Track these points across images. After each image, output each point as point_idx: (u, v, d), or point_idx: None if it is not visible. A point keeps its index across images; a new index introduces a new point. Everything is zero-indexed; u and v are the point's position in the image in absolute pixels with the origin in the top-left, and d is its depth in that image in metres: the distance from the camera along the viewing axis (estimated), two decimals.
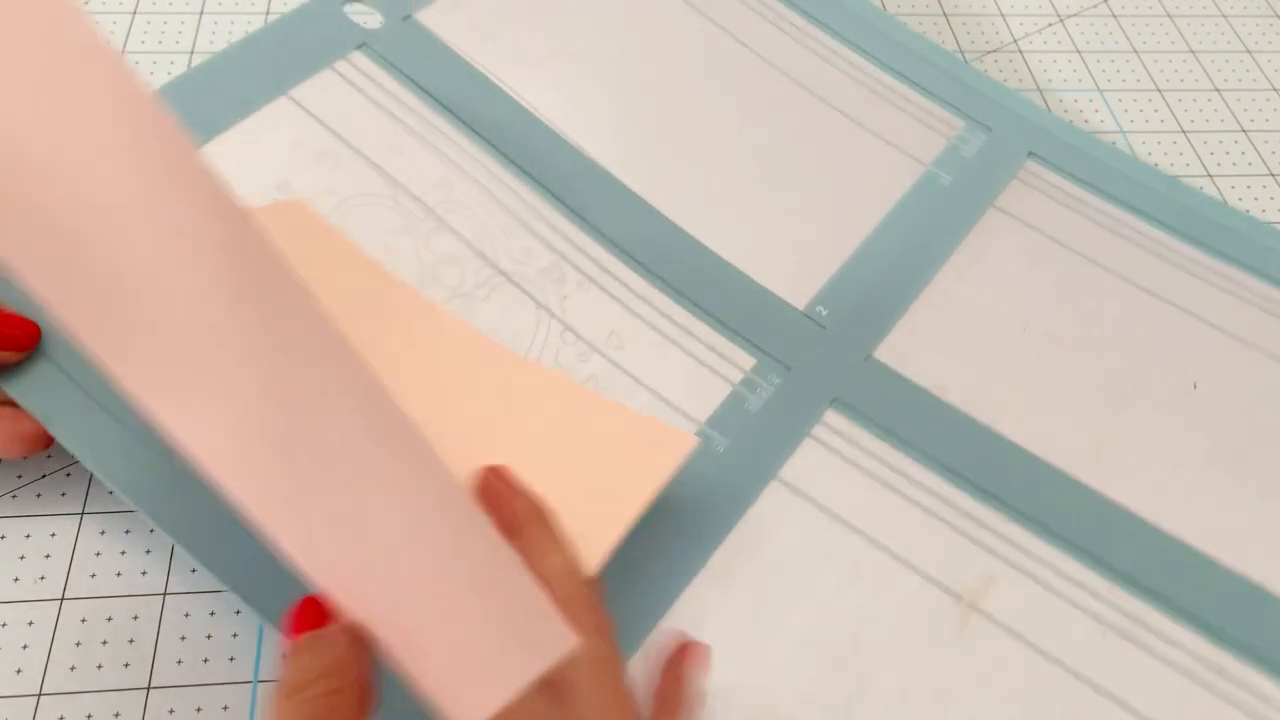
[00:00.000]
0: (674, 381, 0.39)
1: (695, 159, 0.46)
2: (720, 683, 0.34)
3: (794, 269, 0.43)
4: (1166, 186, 0.48)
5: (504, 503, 0.30)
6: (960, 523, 0.38)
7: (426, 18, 0.47)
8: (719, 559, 0.36)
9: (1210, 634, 0.36)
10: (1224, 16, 0.60)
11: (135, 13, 0.51)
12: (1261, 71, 0.58)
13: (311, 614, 0.24)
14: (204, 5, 0.53)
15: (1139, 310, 0.44)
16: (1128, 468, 0.40)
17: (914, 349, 0.42)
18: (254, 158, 0.41)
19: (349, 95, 0.44)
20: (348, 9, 0.46)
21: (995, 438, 0.40)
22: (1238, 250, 0.46)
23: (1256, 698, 0.35)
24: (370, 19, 0.46)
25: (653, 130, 0.46)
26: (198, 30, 0.51)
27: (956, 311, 0.43)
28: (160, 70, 0.49)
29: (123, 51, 0.48)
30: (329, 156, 0.42)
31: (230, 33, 0.51)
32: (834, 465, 0.38)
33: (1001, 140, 0.49)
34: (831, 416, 0.40)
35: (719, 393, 0.40)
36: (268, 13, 0.52)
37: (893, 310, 0.43)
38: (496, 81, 0.46)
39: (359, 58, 0.45)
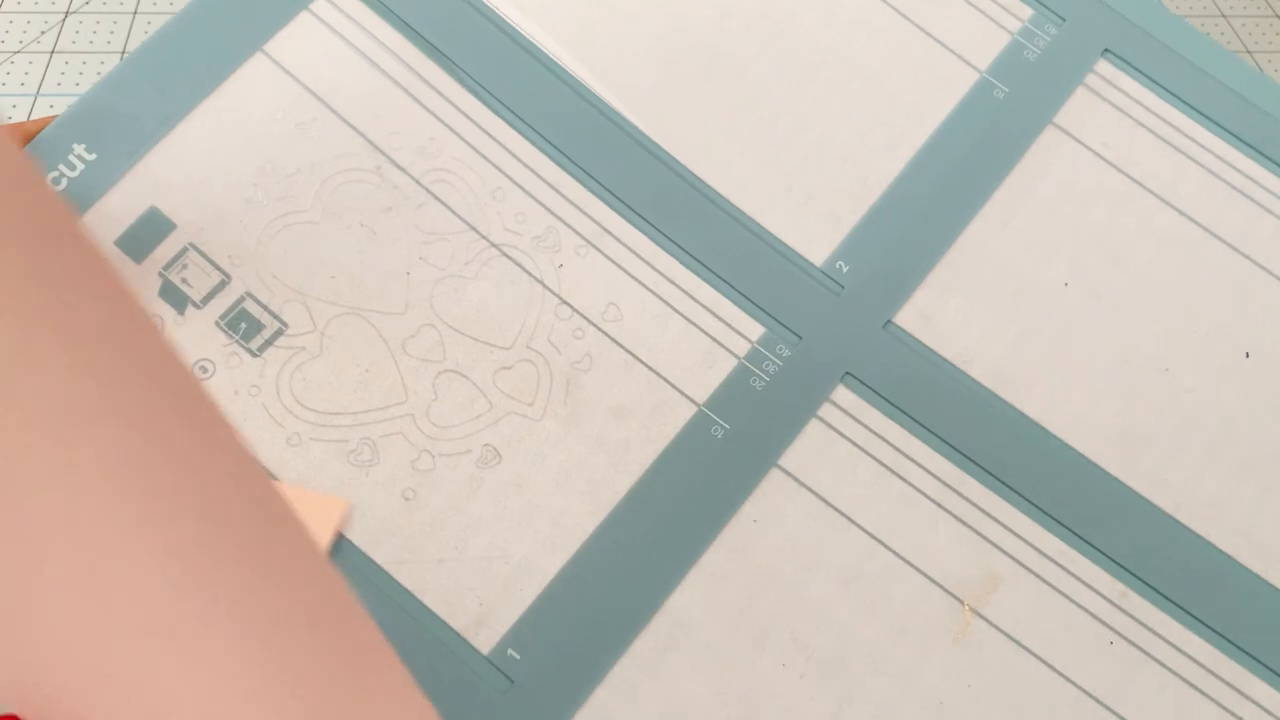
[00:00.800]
0: (674, 357, 0.37)
1: (710, 91, 0.42)
2: (707, 691, 0.33)
3: (815, 218, 0.40)
4: (1264, 97, 0.42)
5: None
6: (968, 514, 0.35)
7: None
8: (711, 557, 0.35)
9: (1224, 644, 0.34)
10: (1224, 17, 0.55)
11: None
12: (1262, 71, 0.52)
13: None
14: None
15: (1198, 259, 0.39)
16: (1156, 457, 0.36)
17: (939, 312, 0.39)
18: (231, 135, 0.39)
19: (329, 44, 0.41)
20: None
21: (1018, 417, 0.37)
22: None
23: (1272, 717, 0.33)
24: None
25: (665, 60, 0.43)
26: None
27: (991, 265, 0.39)
28: None
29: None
30: (311, 124, 0.40)
31: None
32: (840, 450, 0.36)
33: (1074, 34, 0.43)
34: (842, 394, 0.37)
35: (722, 369, 0.37)
36: None
37: (920, 264, 0.39)
38: (492, 7, 0.42)
39: None
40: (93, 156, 0.38)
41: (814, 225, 0.40)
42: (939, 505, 0.36)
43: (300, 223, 0.38)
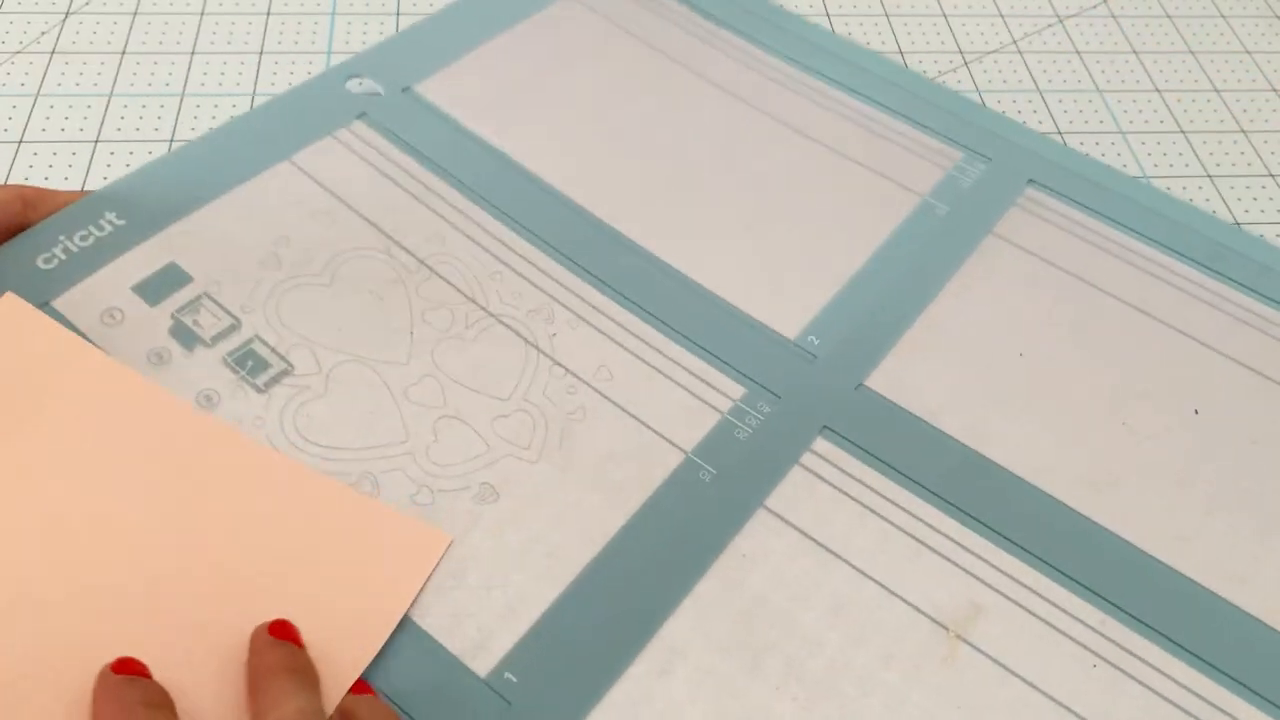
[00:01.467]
0: (662, 411, 0.40)
1: (686, 203, 0.47)
2: (702, 715, 0.33)
3: (785, 300, 0.43)
4: (1172, 209, 0.48)
5: (255, 655, 0.31)
6: (949, 550, 0.37)
7: (425, 89, 0.49)
8: (704, 588, 0.36)
9: (1205, 666, 0.35)
10: (1224, 17, 0.60)
11: (124, 52, 0.53)
12: (1261, 72, 0.57)
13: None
14: (195, 46, 0.54)
15: (1140, 334, 0.44)
16: (1125, 496, 0.39)
17: (907, 377, 0.41)
18: (253, 216, 0.42)
19: (348, 160, 0.45)
20: (350, 83, 0.48)
21: (989, 464, 0.39)
22: (1242, 273, 0.46)
23: None
24: (372, 92, 0.48)
25: (642, 177, 0.47)
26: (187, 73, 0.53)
27: (952, 338, 0.43)
28: (149, 114, 0.51)
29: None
30: (326, 214, 0.43)
31: (223, 71, 0.53)
32: (822, 493, 0.38)
33: (1001, 169, 0.49)
34: (821, 444, 0.39)
35: (707, 422, 0.40)
36: (261, 51, 0.54)
37: (886, 338, 0.43)
38: (491, 142, 0.47)
39: (360, 126, 0.47)
40: (122, 222, 0.40)
41: (785, 305, 0.43)
42: (920, 541, 0.37)
43: (312, 284, 0.41)
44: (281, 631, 0.31)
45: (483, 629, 0.34)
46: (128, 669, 0.29)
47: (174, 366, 0.37)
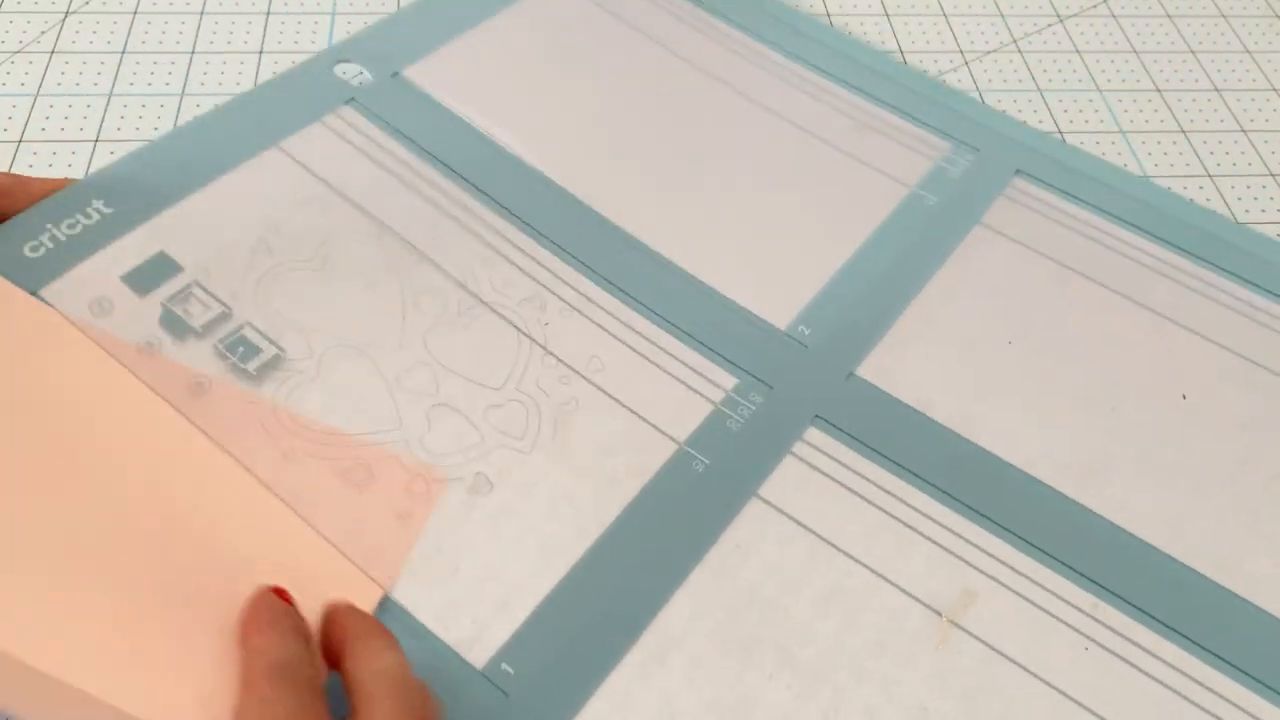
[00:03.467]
0: (654, 402, 0.40)
1: (676, 191, 0.47)
2: (695, 704, 0.33)
3: (776, 290, 0.43)
4: (1157, 198, 0.48)
5: (335, 623, 0.31)
6: (942, 537, 0.37)
7: (413, 73, 0.49)
8: (697, 578, 0.36)
9: (1196, 649, 0.35)
10: (1224, 16, 0.60)
11: (124, 52, 0.53)
12: (1261, 71, 0.58)
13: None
14: (195, 45, 0.53)
15: (1128, 323, 0.44)
16: (1115, 482, 0.39)
17: (898, 366, 0.42)
18: (243, 202, 0.42)
19: (337, 146, 0.45)
20: (338, 68, 0.48)
21: (980, 452, 0.39)
22: (1229, 261, 0.46)
23: (1243, 712, 0.34)
24: (360, 77, 0.48)
25: (633, 166, 0.47)
26: (188, 73, 0.52)
27: (941, 328, 0.43)
28: (149, 114, 0.50)
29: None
30: (317, 201, 0.43)
31: (222, 75, 0.53)
32: (815, 482, 0.38)
33: (989, 160, 0.49)
34: (813, 434, 0.39)
35: (700, 412, 0.40)
36: (261, 51, 0.54)
37: (876, 328, 0.43)
38: (478, 127, 0.47)
39: (348, 111, 0.46)
40: (110, 210, 0.40)
41: (776, 295, 0.43)
42: (912, 529, 0.37)
43: (302, 269, 0.40)
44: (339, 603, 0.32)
45: (478, 621, 0.34)
46: (282, 596, 0.31)
47: (165, 355, 0.37)
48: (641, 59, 0.52)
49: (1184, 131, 0.54)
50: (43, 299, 0.37)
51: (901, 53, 0.56)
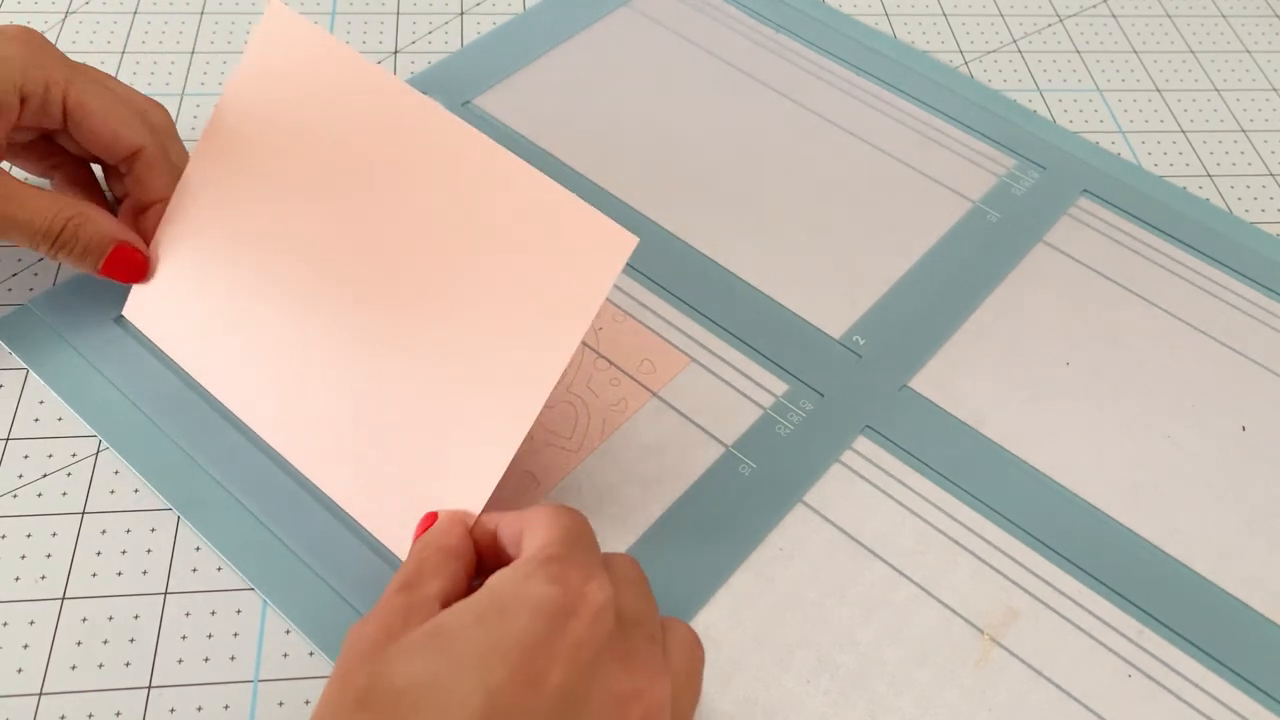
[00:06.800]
0: (704, 404, 0.40)
1: (736, 202, 0.47)
2: (733, 703, 0.33)
3: (832, 300, 0.44)
4: (1224, 225, 0.48)
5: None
6: (987, 554, 0.37)
7: (483, 102, 0.50)
8: (739, 580, 0.36)
9: (1242, 682, 0.35)
10: (1224, 16, 0.60)
11: (124, 52, 0.53)
12: (1261, 71, 0.57)
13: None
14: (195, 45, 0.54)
15: (1190, 349, 0.43)
16: (1167, 509, 0.39)
17: (952, 380, 0.41)
18: None
19: None
20: None
21: (1030, 471, 0.39)
22: None
23: None
24: None
25: (695, 178, 0.48)
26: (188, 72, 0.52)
27: (998, 344, 0.43)
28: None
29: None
30: None
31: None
32: (862, 491, 0.38)
33: (1055, 178, 0.49)
34: (862, 443, 0.39)
35: (749, 416, 0.40)
36: None
37: (932, 341, 0.43)
38: (550, 152, 0.48)
39: None
40: None
41: (832, 304, 0.43)
42: (958, 544, 0.37)
43: None
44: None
45: None
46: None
47: None
48: (707, 77, 0.52)
49: (1184, 131, 0.53)
50: None
51: None
